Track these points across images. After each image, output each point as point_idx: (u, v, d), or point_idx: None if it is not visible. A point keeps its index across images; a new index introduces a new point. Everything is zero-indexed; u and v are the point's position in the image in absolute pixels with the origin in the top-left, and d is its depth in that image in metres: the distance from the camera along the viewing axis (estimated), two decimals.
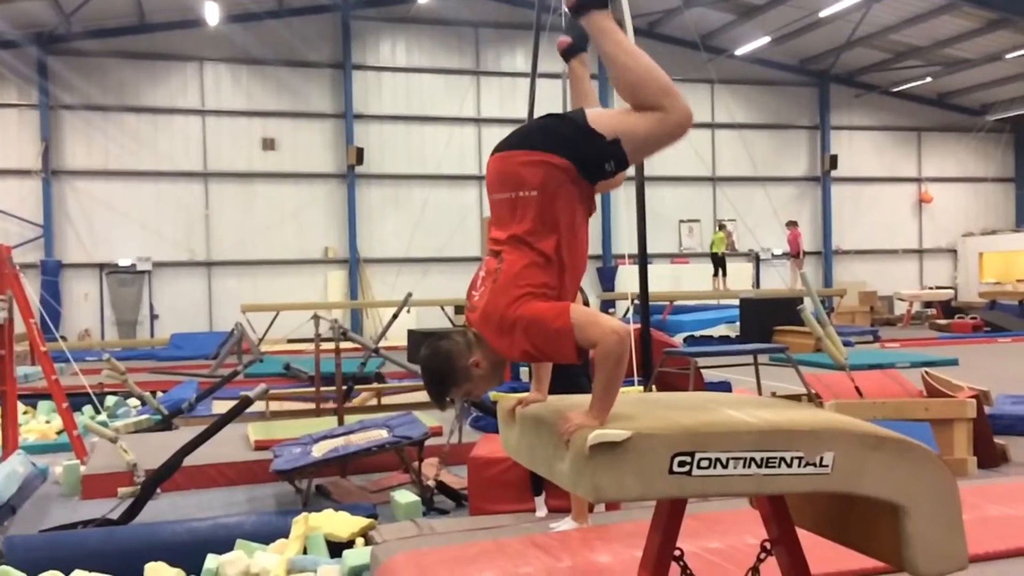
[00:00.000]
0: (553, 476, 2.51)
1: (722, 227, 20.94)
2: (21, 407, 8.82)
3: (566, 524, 4.78)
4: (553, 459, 2.45)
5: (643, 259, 7.75)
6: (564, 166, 2.55)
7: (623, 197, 9.00)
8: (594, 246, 22.25)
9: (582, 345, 2.44)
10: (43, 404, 10.21)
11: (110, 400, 10.36)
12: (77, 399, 9.01)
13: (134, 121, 19.93)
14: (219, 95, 20.55)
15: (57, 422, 9.06)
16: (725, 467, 2.27)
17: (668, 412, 2.47)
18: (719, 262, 20.29)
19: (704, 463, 2.26)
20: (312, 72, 21.12)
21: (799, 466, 2.32)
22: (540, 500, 5.42)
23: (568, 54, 2.94)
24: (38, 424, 9.41)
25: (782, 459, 2.31)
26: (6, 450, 6.84)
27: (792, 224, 20.94)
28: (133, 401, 10.41)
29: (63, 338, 13.77)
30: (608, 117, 2.68)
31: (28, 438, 8.56)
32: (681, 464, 2.24)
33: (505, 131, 2.85)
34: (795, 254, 20.58)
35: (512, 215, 2.59)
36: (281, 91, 20.84)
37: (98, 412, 9.42)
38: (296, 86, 20.92)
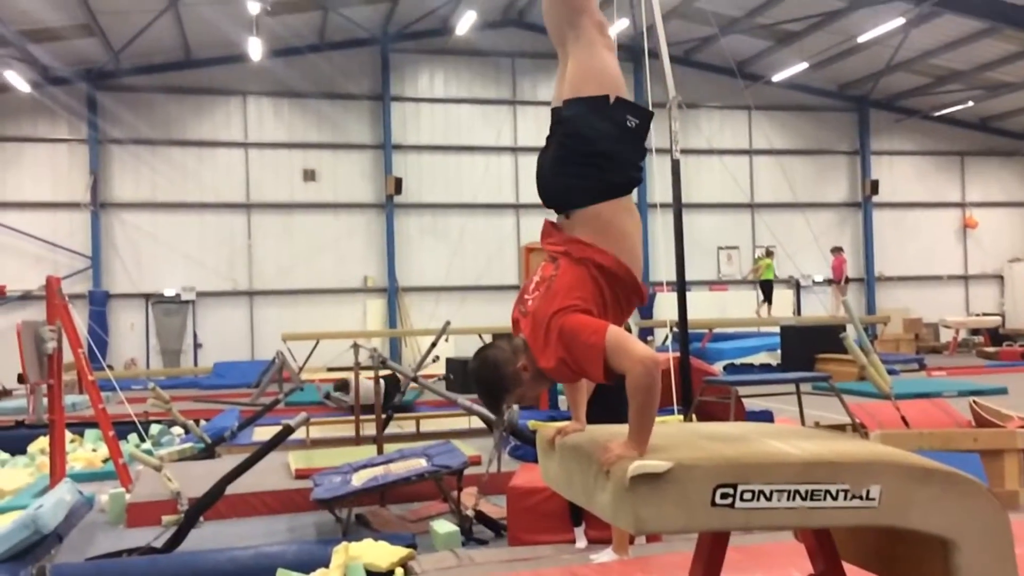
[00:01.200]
0: (593, 507, 2.50)
1: (770, 253, 20.59)
2: (69, 435, 8.99)
3: (606, 556, 4.74)
4: (593, 489, 2.45)
5: (682, 286, 7.71)
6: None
7: (660, 223, 8.98)
8: None
9: (612, 368, 2.46)
10: (90, 432, 10.38)
11: (155, 428, 10.52)
12: (123, 427, 9.15)
13: (179, 154, 20.38)
14: (261, 128, 20.96)
15: (103, 450, 9.21)
16: (769, 499, 2.25)
17: (710, 443, 2.46)
18: (768, 289, 20.05)
19: (747, 495, 2.24)
20: (352, 104, 21.46)
21: (845, 499, 2.29)
22: (580, 531, 5.38)
23: None
24: (85, 452, 9.57)
25: (827, 492, 2.28)
26: (54, 478, 6.96)
27: (837, 250, 20.72)
28: (177, 429, 10.56)
29: (110, 367, 14.03)
30: (568, 87, 2.73)
31: (75, 466, 8.70)
32: (724, 496, 2.23)
33: None
34: (839, 280, 20.29)
35: (570, 223, 2.70)
36: (321, 123, 21.20)
37: (143, 440, 9.55)
38: (336, 118, 21.27)
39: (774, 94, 23.20)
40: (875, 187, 24.09)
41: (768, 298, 20.05)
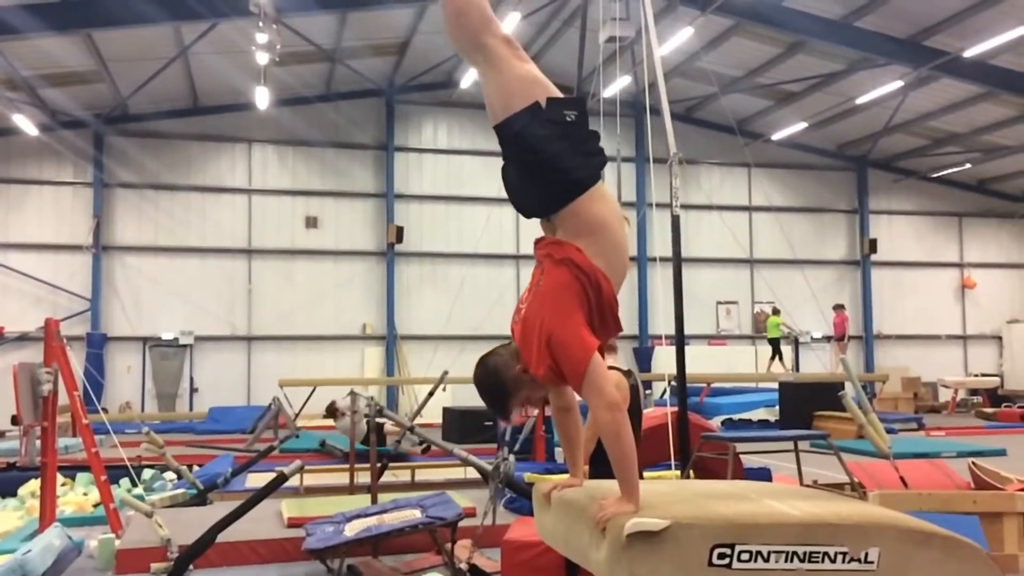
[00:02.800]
0: (589, 564, 2.48)
1: (776, 312, 20.62)
2: (60, 479, 8.90)
3: None
4: (589, 547, 2.43)
5: (680, 340, 7.71)
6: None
7: (659, 277, 9.03)
8: (630, 326, 22.18)
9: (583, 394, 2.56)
10: (81, 476, 10.29)
11: (147, 473, 10.41)
12: (115, 471, 9.06)
13: (183, 199, 20.53)
14: (265, 175, 21.15)
15: (94, 494, 9.12)
16: (767, 560, 2.23)
17: (707, 501, 2.44)
18: (776, 346, 20.06)
19: (745, 556, 2.22)
20: (356, 153, 21.69)
21: (843, 562, 2.27)
22: None
23: None
24: (76, 496, 9.46)
25: (825, 554, 2.27)
26: (43, 522, 6.87)
27: (839, 307, 20.77)
28: (170, 475, 10.45)
29: (104, 410, 13.94)
30: (499, 108, 2.76)
31: (65, 510, 8.60)
32: (721, 556, 2.21)
33: None
34: (840, 337, 20.29)
35: (549, 227, 2.77)
36: (325, 171, 21.40)
37: (135, 485, 9.46)
38: (340, 166, 21.48)
39: (774, 152, 23.47)
40: (873, 246, 24.22)
41: (776, 354, 20.05)
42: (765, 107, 22.12)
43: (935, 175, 24.66)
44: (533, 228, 2.90)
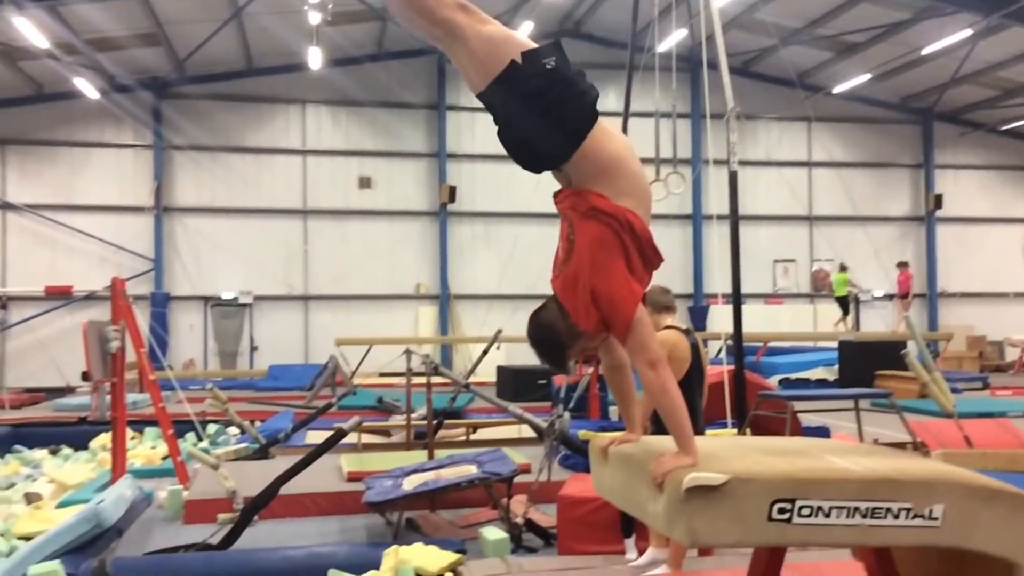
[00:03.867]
0: (646, 518, 2.48)
1: (843, 268, 20.16)
2: (129, 432, 9.22)
3: (647, 559, 4.70)
4: (646, 500, 2.43)
5: (737, 299, 7.61)
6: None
7: (715, 235, 8.88)
8: (684, 285, 21.99)
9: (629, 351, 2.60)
10: (149, 430, 10.65)
11: (211, 428, 10.74)
12: (181, 426, 9.36)
13: (239, 161, 20.81)
14: (319, 136, 21.30)
15: (162, 448, 9.43)
16: (828, 516, 2.21)
17: (766, 457, 2.42)
18: (844, 304, 19.69)
19: (805, 511, 2.20)
20: (408, 113, 21.69)
21: (907, 518, 2.24)
22: (630, 542, 5.34)
23: None
24: (144, 450, 9.81)
25: (888, 510, 2.23)
26: (115, 474, 7.13)
27: (903, 265, 20.27)
28: (233, 429, 10.76)
29: (169, 367, 14.37)
30: (478, 76, 2.68)
31: (135, 463, 8.92)
32: (781, 511, 2.19)
33: None
34: (903, 295, 19.84)
35: (562, 177, 2.74)
36: (377, 131, 21.46)
37: (200, 439, 9.77)
38: (392, 126, 21.52)
39: (835, 105, 22.81)
40: (939, 201, 23.51)
41: (846, 312, 19.67)
42: (826, 59, 21.46)
43: (1004, 128, 23.73)
44: None
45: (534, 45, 2.67)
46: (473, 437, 10.41)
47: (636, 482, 2.52)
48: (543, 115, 2.61)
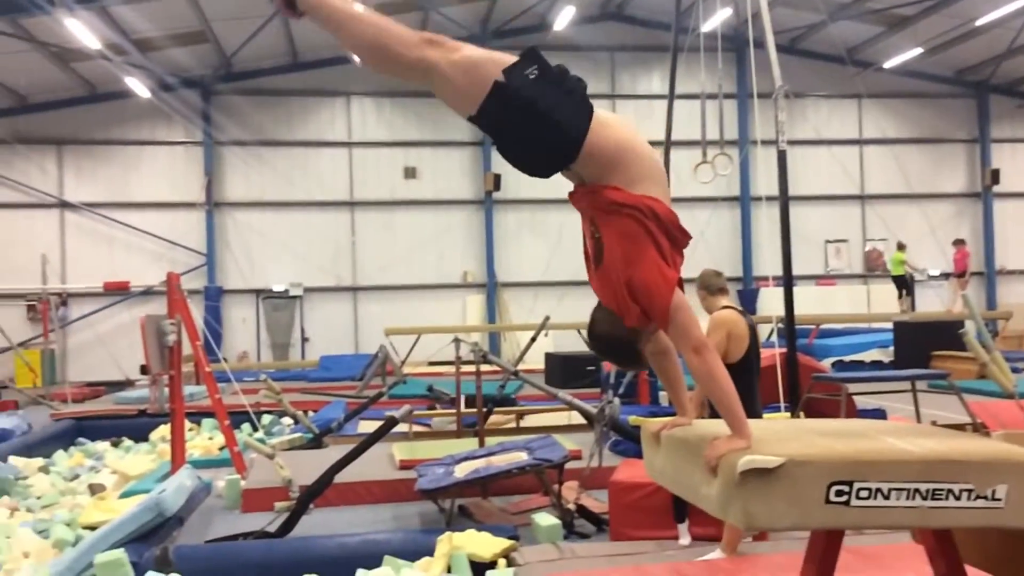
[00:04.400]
0: (700, 501, 2.46)
1: (901, 247, 19.73)
2: (187, 424, 9.42)
3: (716, 555, 4.66)
4: (700, 484, 2.41)
5: (788, 280, 7.50)
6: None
7: (765, 216, 8.76)
8: (734, 267, 21.72)
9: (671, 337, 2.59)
10: (206, 422, 10.88)
11: (266, 418, 10.92)
12: (236, 417, 9.53)
13: (287, 155, 21.08)
14: (364, 127, 21.47)
15: (219, 439, 9.63)
16: (887, 498, 2.17)
17: (823, 439, 2.39)
18: (902, 284, 19.29)
19: (864, 493, 2.16)
20: None
21: (968, 499, 2.19)
22: (683, 527, 5.31)
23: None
24: (202, 440, 10.02)
25: (950, 491, 2.19)
26: (175, 464, 7.30)
27: (959, 243, 19.77)
28: (286, 420, 10.94)
29: (224, 360, 14.65)
30: (465, 105, 2.62)
31: (193, 453, 9.12)
32: (839, 494, 2.16)
33: None
34: (960, 274, 19.36)
35: (573, 175, 2.76)
36: (422, 122, 21.53)
37: (255, 429, 9.94)
38: (436, 116, 21.55)
39: (886, 81, 22.28)
40: (996, 176, 22.85)
41: (904, 291, 19.25)
42: (876, 33, 20.96)
43: None
44: None
45: (512, 60, 2.62)
46: (522, 424, 10.43)
47: (689, 466, 2.50)
48: (539, 125, 2.58)
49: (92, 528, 5.88)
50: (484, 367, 8.59)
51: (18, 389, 16.36)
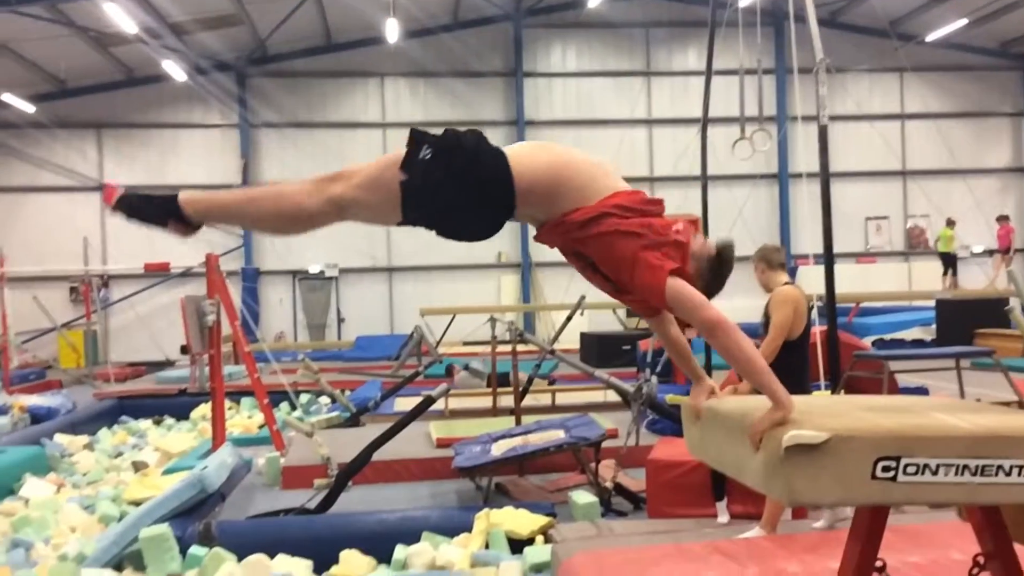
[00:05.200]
0: (743, 476, 2.43)
1: (951, 223, 19.35)
2: (227, 403, 9.56)
3: (755, 533, 4.63)
4: (743, 459, 2.38)
5: (829, 258, 7.37)
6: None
7: (804, 193, 8.61)
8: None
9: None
10: (245, 400, 11.04)
11: (304, 398, 11.04)
12: (275, 396, 9.64)
13: (322, 136, 21.17)
14: (398, 108, 21.49)
15: (259, 417, 9.77)
16: (935, 473, 2.12)
17: (869, 414, 2.34)
18: (949, 261, 18.96)
19: (911, 469, 2.11)
20: (484, 81, 21.65)
21: (1019, 475, 2.14)
22: (722, 505, 5.28)
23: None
24: (241, 419, 10.17)
25: (999, 467, 2.13)
26: (216, 442, 7.41)
27: (1004, 218, 19.35)
28: (324, 399, 11.06)
29: (262, 339, 14.82)
30: (383, 219, 2.68)
31: (233, 432, 9.26)
32: (885, 469, 2.11)
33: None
34: (1004, 250, 18.96)
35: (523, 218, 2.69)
36: (456, 101, 21.49)
37: (294, 408, 10.05)
38: (469, 96, 21.52)
39: (928, 54, 21.76)
40: None
41: (949, 269, 18.92)
42: (918, 5, 20.47)
43: None
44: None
45: (402, 154, 2.58)
46: (558, 403, 10.43)
47: (732, 441, 2.46)
48: (462, 194, 2.52)
49: (136, 504, 5.99)
50: (520, 347, 8.59)
51: (62, 369, 16.73)
